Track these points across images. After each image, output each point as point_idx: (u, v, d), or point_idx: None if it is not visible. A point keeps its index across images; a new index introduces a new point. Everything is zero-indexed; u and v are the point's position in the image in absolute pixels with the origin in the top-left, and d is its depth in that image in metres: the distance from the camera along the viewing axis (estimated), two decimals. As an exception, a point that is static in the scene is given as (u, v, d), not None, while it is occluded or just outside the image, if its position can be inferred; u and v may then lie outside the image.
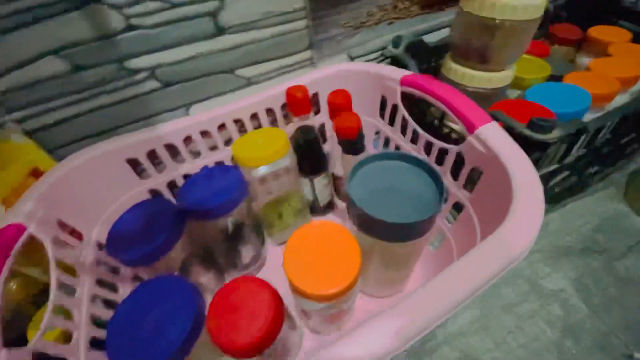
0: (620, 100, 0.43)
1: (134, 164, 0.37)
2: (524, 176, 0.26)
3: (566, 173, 0.40)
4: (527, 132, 0.30)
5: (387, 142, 0.44)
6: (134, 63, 0.35)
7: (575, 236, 0.42)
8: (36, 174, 0.32)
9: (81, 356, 0.27)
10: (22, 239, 0.26)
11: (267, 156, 0.36)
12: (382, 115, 0.43)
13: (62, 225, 0.31)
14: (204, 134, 0.40)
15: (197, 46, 0.36)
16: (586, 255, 0.40)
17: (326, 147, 0.48)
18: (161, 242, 0.31)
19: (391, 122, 0.42)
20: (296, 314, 0.35)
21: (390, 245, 0.28)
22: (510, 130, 0.31)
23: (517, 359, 0.33)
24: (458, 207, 0.35)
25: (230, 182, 0.36)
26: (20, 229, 0.27)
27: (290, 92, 0.36)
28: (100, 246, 0.35)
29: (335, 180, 0.43)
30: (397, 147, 0.41)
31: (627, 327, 0.35)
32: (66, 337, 0.28)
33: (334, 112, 0.36)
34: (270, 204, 0.44)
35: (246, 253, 0.41)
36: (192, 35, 0.35)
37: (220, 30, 0.35)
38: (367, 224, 0.27)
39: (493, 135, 0.28)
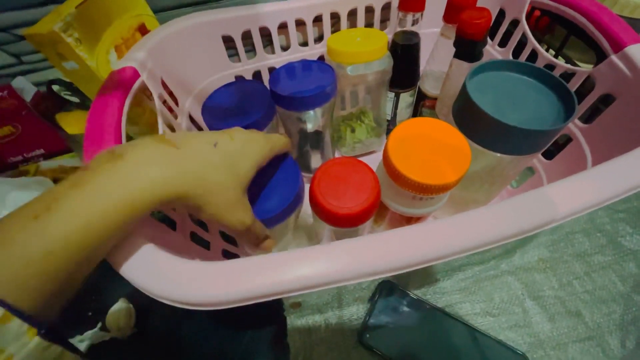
0: None
1: (228, 42, 0.37)
2: None
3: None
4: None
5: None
6: None
7: (669, 204, 0.39)
8: (143, 30, 0.33)
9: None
10: (137, 83, 0.27)
11: (364, 53, 0.34)
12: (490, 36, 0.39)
13: (164, 86, 0.32)
14: (299, 24, 0.38)
15: None
16: (678, 224, 0.37)
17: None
18: (257, 119, 0.31)
19: (502, 44, 0.38)
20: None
21: (491, 157, 0.27)
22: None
23: (581, 302, 0.33)
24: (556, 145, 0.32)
25: (322, 77, 0.35)
26: (135, 73, 0.27)
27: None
28: (191, 119, 0.36)
29: (424, 101, 0.40)
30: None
31: None
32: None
33: (452, 10, 0.32)
34: (346, 116, 0.43)
35: (316, 158, 0.41)
36: None
37: None
38: (477, 127, 0.25)
39: (645, 57, 0.25)
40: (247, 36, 0.37)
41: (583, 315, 0.32)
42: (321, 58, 0.42)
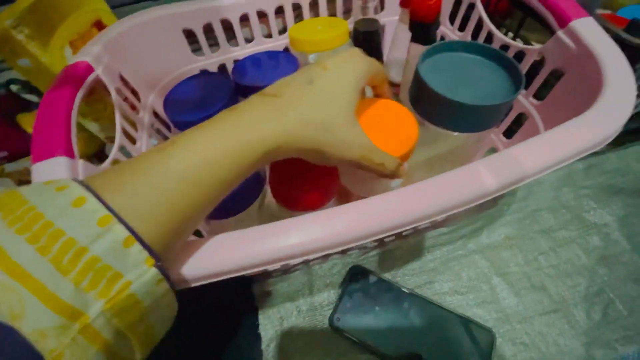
0: None
1: (189, 36, 0.37)
2: (620, 75, 0.23)
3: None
4: (625, 35, 0.27)
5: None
6: None
7: (630, 178, 0.40)
8: (99, 25, 0.32)
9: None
10: (91, 77, 0.27)
11: (325, 41, 0.34)
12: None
13: (124, 81, 0.32)
14: (261, 16, 0.38)
15: None
16: (638, 196, 0.38)
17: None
18: (218, 109, 0.31)
19: (461, 29, 0.38)
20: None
21: (451, 138, 0.27)
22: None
23: (546, 276, 0.34)
24: (518, 122, 0.33)
25: (285, 67, 0.36)
26: (89, 68, 0.27)
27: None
28: (155, 114, 0.36)
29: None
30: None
31: (666, 266, 0.34)
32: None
33: None
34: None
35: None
36: None
37: None
38: (432, 109, 0.26)
39: (588, 30, 0.26)
40: (209, 29, 0.37)
41: (548, 289, 0.33)
42: (287, 50, 0.42)
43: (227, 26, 0.37)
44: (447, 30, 0.40)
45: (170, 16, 0.34)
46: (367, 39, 0.37)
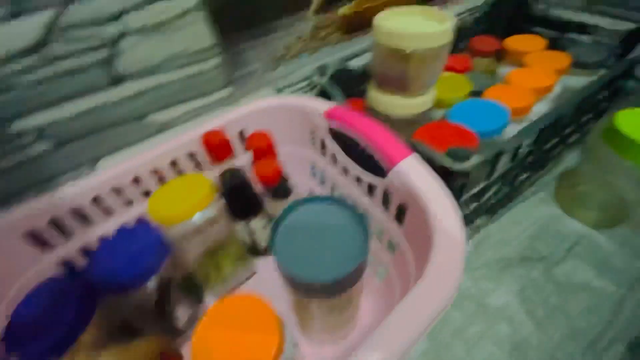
0: (540, 108, 0.45)
1: (34, 235, 0.33)
2: (443, 216, 0.25)
3: (496, 187, 0.41)
4: (447, 162, 0.30)
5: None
6: (19, 126, 0.31)
7: (514, 246, 0.43)
8: None
9: None
10: None
11: (187, 211, 0.33)
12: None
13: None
14: (117, 191, 0.36)
15: (93, 98, 0.32)
16: (526, 264, 0.41)
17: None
18: (63, 334, 0.27)
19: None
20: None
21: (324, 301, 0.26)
22: (430, 161, 0.31)
23: (470, 389, 0.32)
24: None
25: (147, 245, 0.33)
26: None
27: (207, 139, 0.33)
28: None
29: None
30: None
31: (571, 336, 0.35)
32: None
33: (255, 156, 0.34)
34: (204, 255, 0.41)
35: (181, 315, 0.37)
36: (84, 88, 0.31)
37: (117, 79, 0.32)
38: (297, 285, 0.25)
39: (412, 171, 0.28)
40: (58, 220, 0.33)
41: (475, 404, 0.32)
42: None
43: (78, 210, 0.34)
44: (315, 156, 0.42)
45: (3, 229, 0.31)
46: (236, 192, 0.37)
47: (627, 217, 0.43)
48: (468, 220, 0.45)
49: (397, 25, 0.33)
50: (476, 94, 0.44)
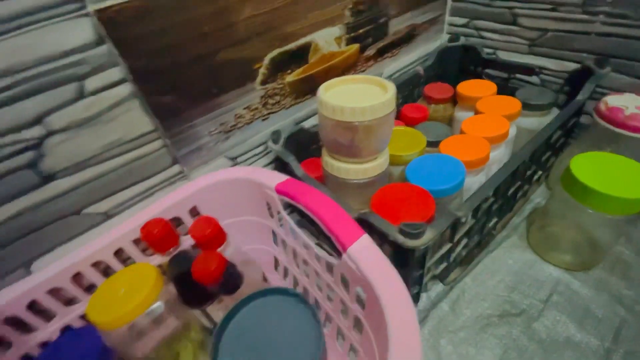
0: (496, 154, 0.45)
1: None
2: (395, 303, 0.23)
3: (465, 240, 0.40)
4: (400, 238, 0.28)
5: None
6: None
7: (491, 300, 0.41)
8: None
9: None
10: None
11: (129, 312, 0.30)
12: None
13: None
14: (55, 291, 0.33)
15: (22, 201, 0.30)
16: (506, 322, 0.39)
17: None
18: None
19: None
20: None
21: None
22: (385, 236, 0.29)
23: None
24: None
25: (91, 350, 0.30)
26: None
27: (146, 231, 0.31)
28: None
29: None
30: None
31: (559, 402, 0.32)
32: None
33: (198, 245, 0.32)
34: (160, 347, 0.37)
35: None
36: (10, 193, 0.29)
37: (46, 178, 0.30)
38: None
39: (362, 256, 0.26)
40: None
41: None
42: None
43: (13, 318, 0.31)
44: (274, 227, 0.40)
45: None
46: (186, 277, 0.34)
47: (601, 259, 0.42)
48: (442, 277, 0.43)
49: (341, 98, 0.32)
50: (434, 144, 0.44)
